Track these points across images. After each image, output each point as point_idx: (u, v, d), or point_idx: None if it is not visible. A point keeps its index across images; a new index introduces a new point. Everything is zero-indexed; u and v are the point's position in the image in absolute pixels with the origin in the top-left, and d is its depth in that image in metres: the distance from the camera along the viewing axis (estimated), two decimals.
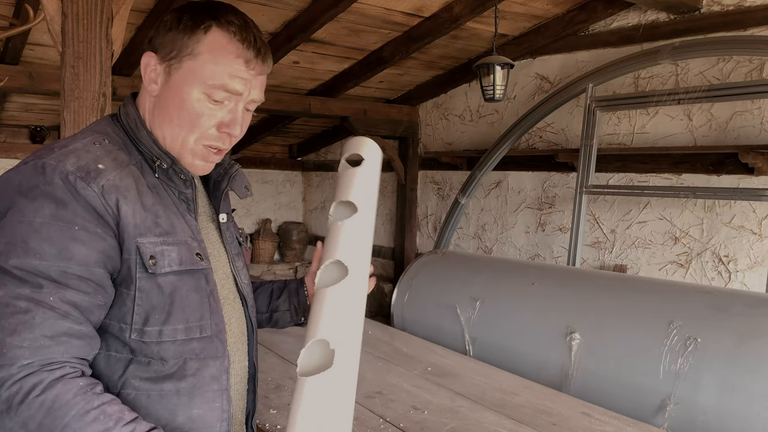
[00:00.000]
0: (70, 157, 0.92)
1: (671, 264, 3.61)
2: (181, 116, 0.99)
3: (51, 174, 0.89)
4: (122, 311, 0.93)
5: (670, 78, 3.58)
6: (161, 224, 0.97)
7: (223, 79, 0.97)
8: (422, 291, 3.22)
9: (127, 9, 2.20)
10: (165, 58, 1.00)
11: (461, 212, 4.48)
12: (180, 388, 0.97)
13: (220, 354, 1.02)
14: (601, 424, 1.86)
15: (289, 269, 6.56)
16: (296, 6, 3.48)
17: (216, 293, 1.04)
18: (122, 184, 0.94)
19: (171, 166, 1.02)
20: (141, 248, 0.93)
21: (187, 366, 0.97)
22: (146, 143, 1.02)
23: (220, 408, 1.02)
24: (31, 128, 5.37)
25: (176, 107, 0.99)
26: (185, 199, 1.05)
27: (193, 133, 1.00)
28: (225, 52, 0.97)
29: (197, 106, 0.98)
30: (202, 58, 0.97)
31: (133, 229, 0.93)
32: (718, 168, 3.39)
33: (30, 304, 0.84)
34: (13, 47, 3.63)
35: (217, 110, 0.99)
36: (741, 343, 2.04)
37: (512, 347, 2.68)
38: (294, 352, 2.44)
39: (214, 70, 0.97)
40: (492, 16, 3.51)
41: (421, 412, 1.91)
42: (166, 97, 1.00)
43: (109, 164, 0.94)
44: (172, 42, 0.99)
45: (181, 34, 0.98)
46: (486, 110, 4.72)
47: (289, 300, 1.30)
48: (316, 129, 6.20)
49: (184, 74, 0.98)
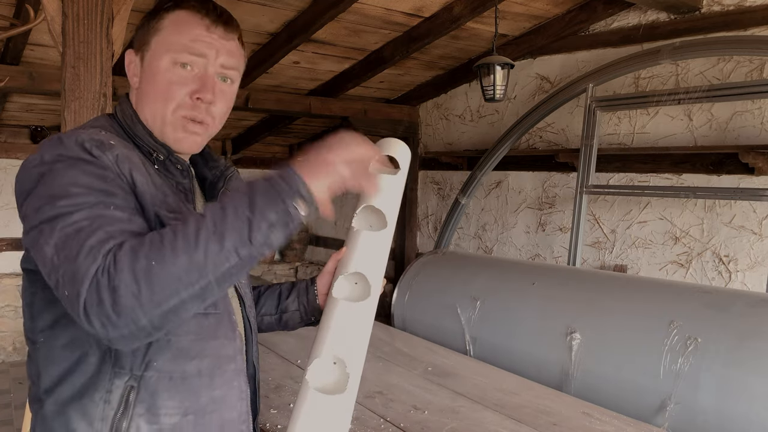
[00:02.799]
0: (82, 132, 0.94)
1: (671, 264, 3.61)
2: (155, 90, 1.03)
3: (68, 141, 0.90)
4: None
5: (670, 78, 3.58)
6: (170, 202, 0.97)
7: (185, 43, 1.02)
8: (423, 291, 3.22)
9: (127, 9, 2.20)
10: (139, 49, 1.06)
11: (461, 212, 4.48)
12: (201, 368, 0.97)
13: (231, 334, 1.03)
14: (601, 424, 1.86)
15: (290, 269, 6.56)
16: (296, 6, 3.48)
17: None
18: (133, 159, 0.95)
19: (167, 157, 1.05)
20: (162, 219, 0.93)
21: (207, 345, 0.98)
22: (142, 136, 1.04)
23: (238, 388, 1.03)
24: (31, 128, 5.37)
25: (150, 83, 1.03)
26: (183, 189, 1.06)
27: (169, 104, 1.02)
28: (186, 22, 1.03)
29: (167, 75, 1.02)
30: (166, 30, 1.03)
31: (150, 198, 0.93)
32: (719, 168, 3.39)
33: (90, 214, 0.83)
34: (13, 47, 3.64)
35: (187, 78, 1.02)
36: (741, 343, 2.04)
37: (513, 347, 2.68)
38: (294, 353, 2.44)
39: (177, 38, 1.02)
40: (492, 17, 3.51)
41: (421, 412, 1.91)
42: (144, 81, 1.05)
43: (117, 142, 0.96)
44: (143, 32, 1.06)
45: (147, 21, 1.06)
46: (486, 110, 4.72)
47: (298, 300, 1.29)
48: (317, 129, 6.19)
49: (153, 51, 1.03)
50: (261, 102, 4.68)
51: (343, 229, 6.39)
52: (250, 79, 4.35)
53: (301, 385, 1.00)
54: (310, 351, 1.04)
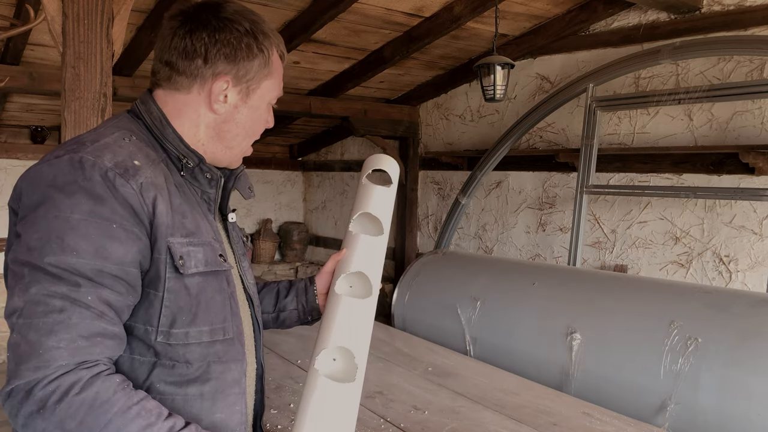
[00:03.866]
0: (106, 152, 0.90)
1: (672, 264, 3.61)
2: (254, 128, 1.09)
3: (90, 170, 0.87)
4: (149, 313, 0.92)
5: (670, 78, 3.58)
6: (187, 225, 0.96)
7: (280, 90, 1.11)
8: (423, 291, 3.22)
9: (127, 9, 2.20)
10: (241, 81, 1.03)
11: (462, 212, 4.48)
12: (204, 391, 0.96)
13: (240, 357, 1.02)
14: (601, 424, 1.86)
15: (290, 269, 6.56)
16: (296, 6, 3.48)
17: (236, 295, 1.04)
18: (157, 182, 0.93)
19: (198, 165, 1.02)
20: (172, 248, 0.92)
21: (211, 369, 0.97)
22: (172, 141, 1.01)
23: (240, 412, 1.02)
24: (31, 128, 5.37)
25: (253, 121, 1.08)
26: (207, 199, 1.05)
27: (252, 139, 1.10)
28: (280, 68, 1.10)
29: (265, 115, 1.10)
30: (274, 76, 1.08)
31: (165, 229, 0.92)
32: (719, 168, 3.39)
33: (66, 303, 0.83)
34: (13, 47, 3.64)
35: None
36: (741, 343, 2.04)
37: (513, 347, 2.68)
38: (295, 353, 2.44)
39: (278, 84, 1.09)
40: (492, 16, 3.51)
41: (421, 412, 1.91)
42: (242, 114, 1.05)
43: (143, 161, 0.93)
44: (247, 66, 1.03)
45: (253, 57, 1.03)
46: (486, 110, 4.72)
47: (297, 299, 1.29)
48: (317, 129, 6.20)
49: (262, 92, 1.07)
50: None
51: (343, 229, 6.39)
52: None
53: (307, 375, 1.02)
54: (315, 344, 1.05)
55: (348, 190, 6.30)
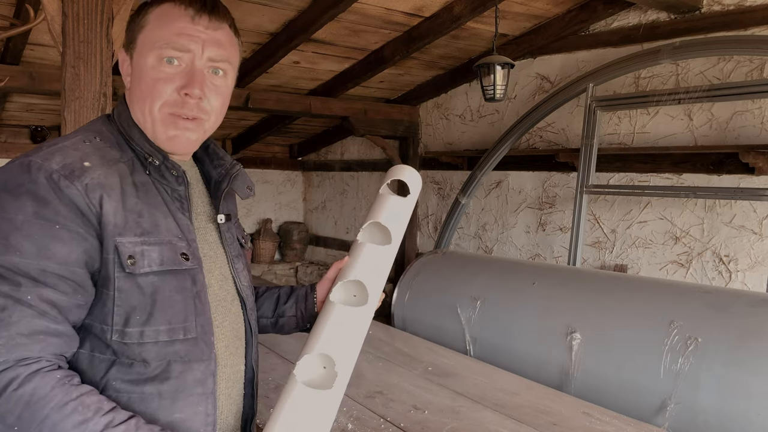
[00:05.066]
0: (56, 155, 0.93)
1: (672, 264, 3.61)
2: (143, 89, 1.00)
3: (36, 172, 0.89)
4: (103, 312, 0.93)
5: (670, 78, 3.58)
6: (142, 224, 0.95)
7: (169, 37, 0.98)
8: (423, 291, 3.22)
9: (127, 9, 2.20)
10: (128, 48, 1.04)
11: (462, 212, 4.48)
12: (162, 390, 0.95)
13: (205, 357, 1.00)
14: (601, 424, 1.86)
15: (290, 269, 6.56)
16: (296, 6, 3.48)
17: (204, 294, 1.02)
18: (107, 182, 0.94)
19: (163, 163, 1.02)
20: (119, 247, 0.92)
21: (171, 368, 0.96)
22: (138, 140, 1.02)
23: (204, 412, 1.00)
24: (31, 128, 5.38)
25: (138, 82, 1.00)
26: (178, 197, 1.03)
27: (156, 101, 0.99)
28: (169, 15, 0.99)
29: (152, 72, 0.99)
30: (150, 26, 1.00)
31: (113, 228, 0.92)
32: (719, 168, 3.39)
33: (7, 302, 0.84)
34: (13, 47, 3.64)
35: (173, 73, 0.99)
36: (741, 343, 2.04)
37: (513, 347, 2.68)
38: (295, 353, 2.44)
39: (160, 32, 0.99)
40: (492, 16, 3.51)
41: (421, 412, 1.91)
42: (133, 80, 1.02)
43: (96, 161, 0.95)
44: (129, 30, 1.03)
45: (134, 18, 1.03)
46: (486, 110, 4.72)
47: (296, 305, 1.28)
48: (317, 129, 6.20)
49: (139, 49, 1.00)
50: (261, 102, 4.68)
51: (342, 229, 6.39)
52: (250, 79, 4.36)
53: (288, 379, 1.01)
54: (302, 348, 1.05)
55: (348, 190, 6.30)
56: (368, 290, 1.10)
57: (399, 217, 1.19)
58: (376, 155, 5.86)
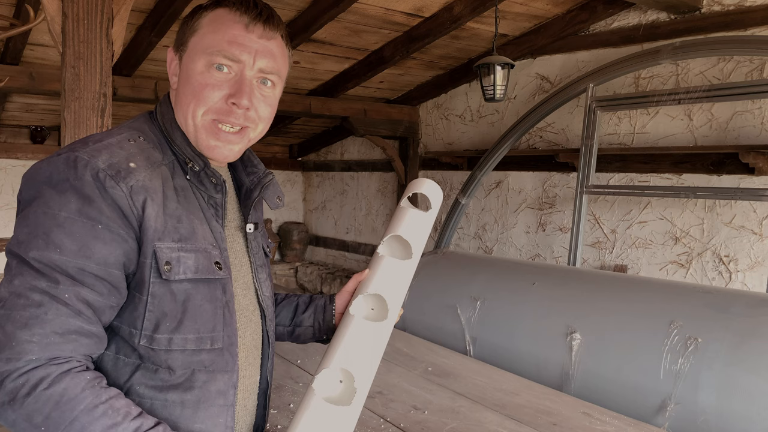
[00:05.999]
0: (103, 153, 0.91)
1: (672, 264, 3.61)
2: (189, 92, 0.98)
3: (82, 169, 0.88)
4: (133, 315, 0.92)
5: (670, 78, 3.58)
6: (181, 229, 0.94)
7: (221, 45, 0.96)
8: (423, 291, 3.22)
9: (127, 9, 2.20)
10: (178, 49, 1.02)
11: (462, 212, 4.48)
12: (185, 399, 0.94)
13: (229, 368, 0.99)
14: (601, 424, 1.86)
15: (290, 269, 6.57)
16: (296, 6, 3.48)
17: (232, 305, 1.00)
18: (151, 185, 0.92)
19: (203, 169, 1.00)
20: (158, 253, 0.91)
21: (195, 378, 0.95)
22: (179, 143, 1.00)
23: (223, 424, 0.99)
24: (31, 128, 5.38)
25: (185, 85, 0.98)
26: (214, 204, 1.02)
27: (200, 107, 0.97)
28: (223, 20, 0.97)
29: (201, 77, 0.97)
30: (203, 31, 0.98)
31: (153, 233, 0.91)
32: (719, 168, 3.39)
33: (44, 298, 0.83)
34: (13, 47, 3.64)
35: (222, 81, 0.97)
36: (741, 343, 2.04)
37: (513, 347, 2.68)
38: (294, 353, 2.44)
39: (213, 38, 0.97)
40: (492, 16, 3.51)
41: (421, 412, 1.91)
42: (181, 82, 1.00)
43: (140, 163, 0.93)
44: (181, 31, 1.01)
45: (187, 20, 1.01)
46: (486, 110, 4.72)
47: (314, 316, 1.26)
48: (317, 129, 6.20)
49: (189, 52, 0.99)
50: None
51: (342, 229, 6.39)
52: None
53: (306, 392, 1.00)
54: (320, 361, 1.04)
55: (348, 190, 6.30)
56: (389, 305, 1.09)
57: (420, 232, 1.18)
58: (376, 155, 5.86)
